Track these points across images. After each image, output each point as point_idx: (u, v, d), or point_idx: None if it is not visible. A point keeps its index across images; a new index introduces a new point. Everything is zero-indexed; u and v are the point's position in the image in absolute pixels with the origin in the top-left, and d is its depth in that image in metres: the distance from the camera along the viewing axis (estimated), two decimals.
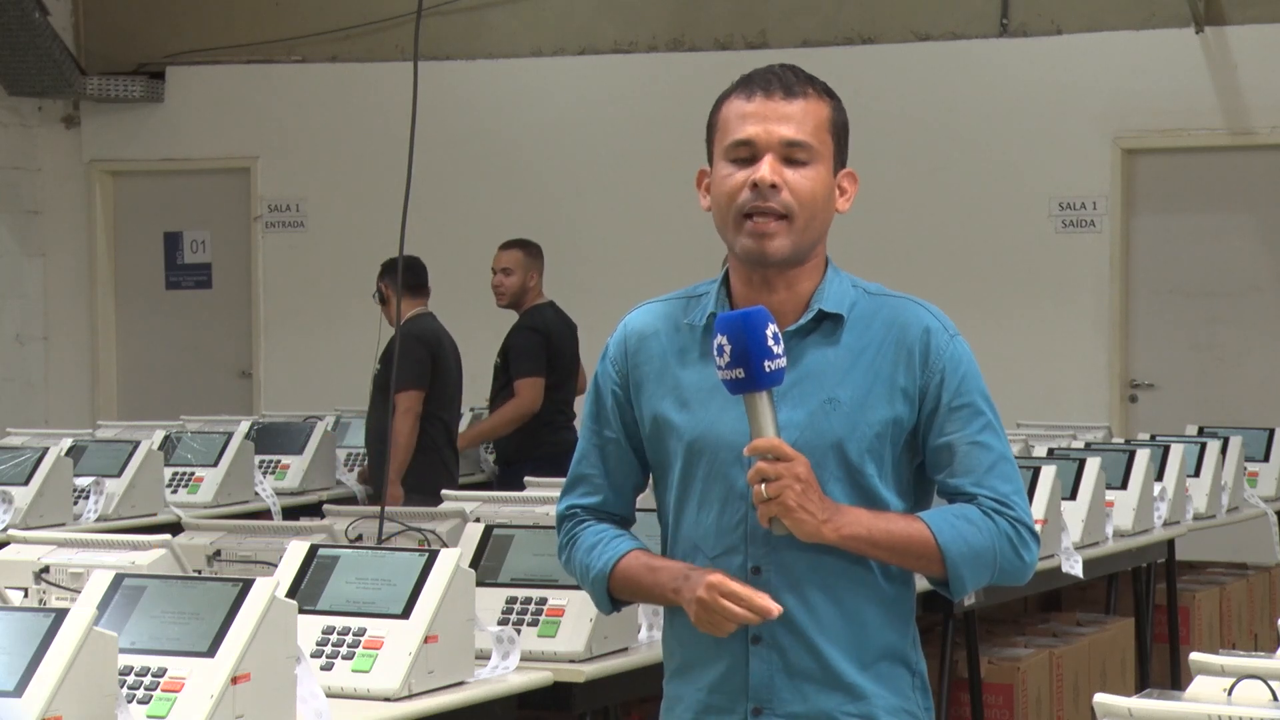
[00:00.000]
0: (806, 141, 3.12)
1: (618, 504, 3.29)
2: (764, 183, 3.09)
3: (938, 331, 3.15)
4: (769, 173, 3.09)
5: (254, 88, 12.89)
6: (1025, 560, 3.15)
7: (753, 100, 3.13)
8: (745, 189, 3.11)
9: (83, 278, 13.23)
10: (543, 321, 9.23)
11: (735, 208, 3.12)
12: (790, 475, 3.00)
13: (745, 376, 3.00)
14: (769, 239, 3.10)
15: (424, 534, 5.34)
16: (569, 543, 3.29)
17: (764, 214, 3.09)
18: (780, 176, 3.10)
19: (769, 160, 3.10)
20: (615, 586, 3.23)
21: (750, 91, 3.15)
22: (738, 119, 3.14)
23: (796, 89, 3.14)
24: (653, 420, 3.20)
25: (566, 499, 3.31)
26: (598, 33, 12.31)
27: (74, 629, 3.51)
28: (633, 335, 3.24)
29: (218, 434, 8.74)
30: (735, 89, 3.18)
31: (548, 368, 9.17)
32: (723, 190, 3.14)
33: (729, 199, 3.13)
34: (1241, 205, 11.37)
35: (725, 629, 3.07)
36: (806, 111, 3.13)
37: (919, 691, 3.20)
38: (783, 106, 3.12)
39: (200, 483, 8.48)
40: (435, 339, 8.89)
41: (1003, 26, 11.60)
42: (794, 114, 3.12)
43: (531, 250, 9.35)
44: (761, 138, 3.11)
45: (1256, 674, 3.11)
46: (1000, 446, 3.15)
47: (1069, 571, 6.79)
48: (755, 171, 3.10)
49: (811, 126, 3.13)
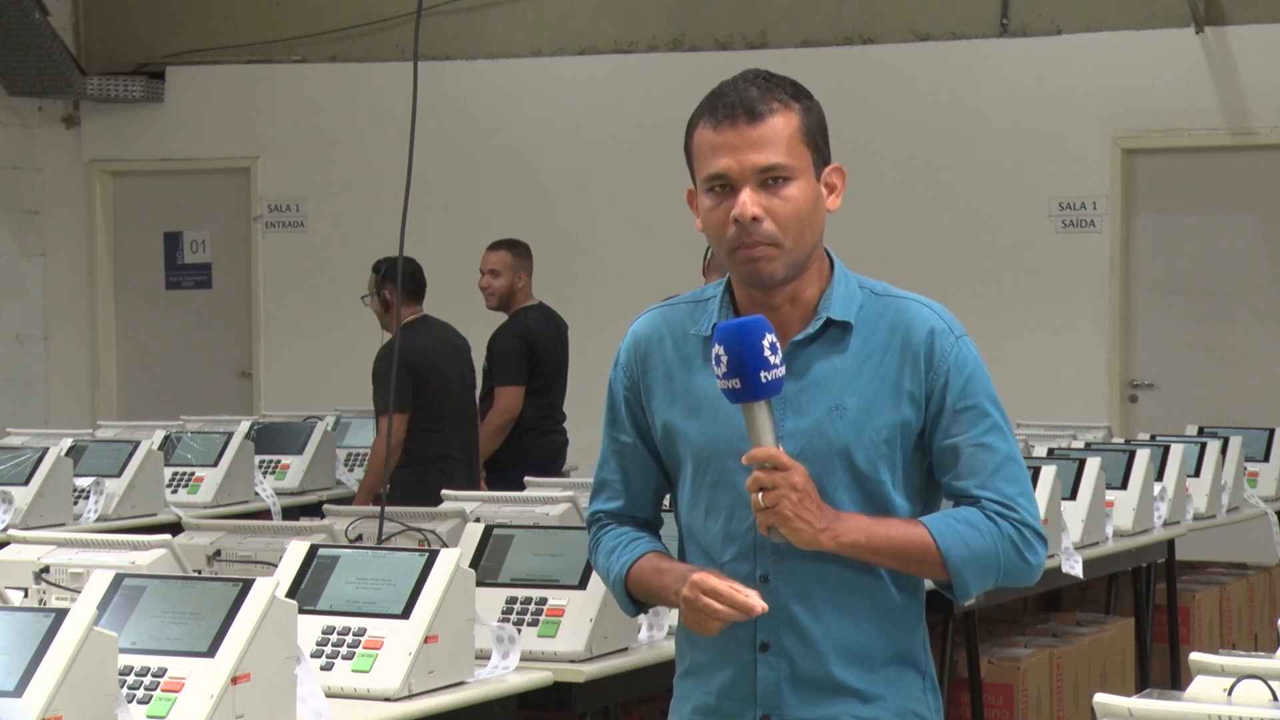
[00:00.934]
0: (780, 163, 3.08)
1: (639, 508, 3.29)
2: (744, 218, 3.06)
3: (943, 333, 3.14)
4: (749, 206, 3.06)
5: (254, 88, 12.89)
6: (1031, 563, 3.13)
7: (720, 130, 3.08)
8: (729, 224, 3.08)
9: (83, 278, 13.23)
10: (526, 327, 9.15)
11: (724, 242, 3.11)
12: (787, 484, 2.99)
13: (742, 387, 3.00)
14: (762, 264, 3.08)
15: (424, 534, 5.34)
16: (594, 547, 3.32)
17: (751, 246, 3.07)
18: (760, 206, 3.06)
19: (747, 193, 3.07)
20: (633, 589, 3.24)
21: (716, 120, 3.09)
22: (710, 150, 3.09)
23: (760, 108, 3.08)
24: (663, 427, 3.20)
25: (592, 505, 3.33)
26: (598, 33, 12.31)
27: (74, 629, 3.51)
28: (641, 341, 3.24)
29: (218, 434, 8.74)
30: (703, 114, 3.12)
31: (531, 373, 9.12)
32: (709, 224, 3.13)
33: (715, 232, 3.12)
34: (1241, 205, 11.37)
35: (711, 627, 3.06)
36: (776, 130, 3.08)
37: (929, 693, 3.20)
38: (749, 133, 3.07)
39: (200, 483, 8.47)
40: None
41: (1003, 26, 11.60)
42: (763, 137, 3.07)
43: (519, 251, 9.28)
44: (734, 170, 3.07)
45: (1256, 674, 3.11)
46: (1007, 448, 3.14)
47: (1069, 571, 6.79)
48: (735, 207, 3.07)
49: (784, 145, 3.08)
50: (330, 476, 9.18)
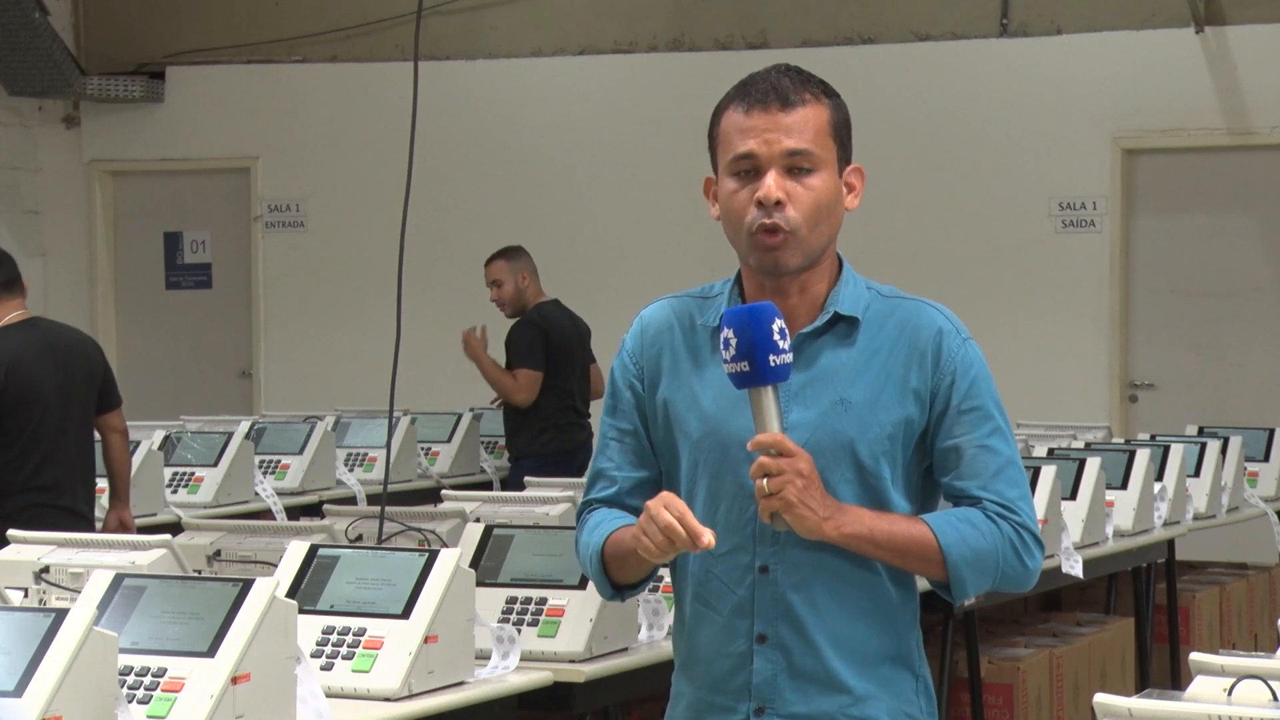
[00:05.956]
0: (808, 150, 3.10)
1: (633, 496, 3.26)
2: (768, 200, 3.08)
3: (950, 334, 3.15)
4: (773, 189, 3.08)
5: (254, 88, 12.89)
6: (1028, 566, 3.15)
7: (751, 114, 3.11)
8: (751, 206, 3.09)
9: (83, 278, 13.23)
10: (542, 316, 9.26)
11: (744, 225, 3.11)
12: (792, 470, 2.99)
13: (750, 370, 2.99)
14: (780, 253, 3.09)
15: (424, 534, 5.34)
16: (579, 530, 3.28)
17: (772, 230, 3.09)
18: (784, 191, 3.08)
19: (773, 175, 3.09)
20: (610, 562, 3.20)
21: (748, 104, 3.12)
22: (738, 133, 3.12)
23: (793, 97, 3.11)
24: (665, 415, 3.20)
25: (585, 496, 3.31)
26: (598, 33, 12.31)
27: (74, 629, 3.51)
28: (649, 329, 3.24)
29: (218, 434, 8.74)
30: (733, 99, 3.15)
31: (548, 360, 9.19)
32: (730, 207, 3.13)
33: (736, 216, 3.12)
34: (1241, 205, 11.37)
35: (651, 543, 3.01)
36: (806, 119, 3.11)
37: (922, 696, 3.20)
38: (781, 118, 3.10)
39: (200, 483, 8.47)
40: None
41: (1003, 26, 11.60)
42: (794, 124, 3.10)
43: (511, 255, 9.39)
44: (763, 152, 3.09)
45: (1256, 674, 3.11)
46: (1008, 452, 3.15)
47: (1069, 572, 6.79)
48: (759, 188, 3.09)
49: (812, 133, 3.11)
50: (330, 476, 9.18)
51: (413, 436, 9.47)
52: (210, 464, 8.53)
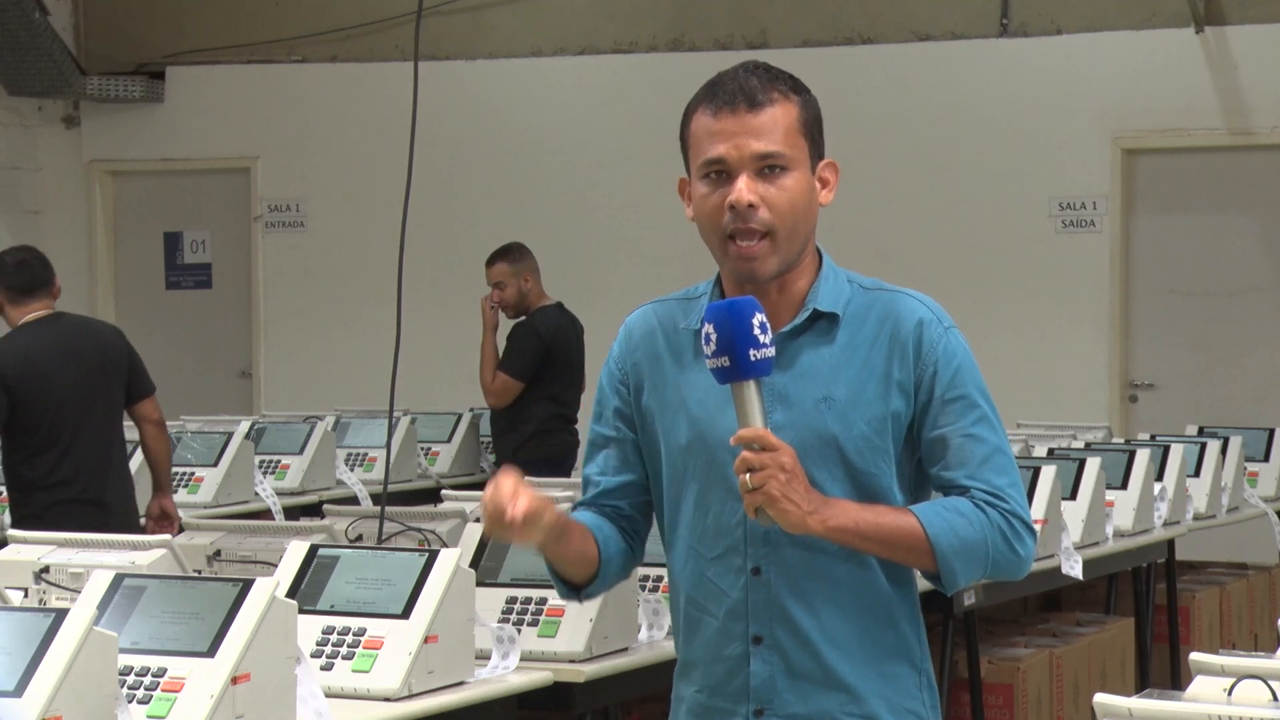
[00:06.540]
0: (779, 151, 3.08)
1: (612, 497, 3.25)
2: (741, 204, 3.06)
3: (931, 324, 3.13)
4: (745, 193, 3.06)
5: (254, 88, 12.89)
6: (1020, 554, 3.11)
7: (719, 117, 3.09)
8: (724, 210, 3.08)
9: (83, 278, 13.23)
10: (546, 325, 9.16)
11: (717, 230, 3.10)
12: (775, 465, 2.96)
13: (731, 365, 2.97)
14: (756, 261, 3.08)
15: (424, 534, 5.34)
16: None
17: (746, 235, 3.07)
18: (757, 194, 3.06)
19: (744, 179, 3.07)
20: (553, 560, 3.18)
21: (716, 106, 3.09)
22: (707, 136, 3.10)
23: (761, 97, 3.09)
24: (651, 420, 3.19)
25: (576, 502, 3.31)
26: (598, 33, 12.32)
27: (74, 629, 3.51)
28: (634, 335, 3.24)
29: (218, 434, 8.74)
30: (702, 100, 3.13)
31: (546, 374, 9.13)
32: (702, 211, 3.12)
33: (710, 220, 3.11)
34: (1241, 205, 11.38)
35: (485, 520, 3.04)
36: (775, 119, 3.09)
37: (925, 690, 3.18)
38: (750, 120, 3.08)
39: (200, 483, 8.47)
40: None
41: (1003, 26, 11.61)
42: (763, 125, 3.08)
43: (514, 256, 9.24)
44: (733, 156, 3.07)
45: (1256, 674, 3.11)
46: (995, 439, 3.12)
47: (1069, 572, 6.78)
48: (731, 192, 3.07)
49: (782, 134, 3.09)
50: (330, 476, 9.18)
51: (413, 436, 9.47)
52: (210, 464, 8.54)
